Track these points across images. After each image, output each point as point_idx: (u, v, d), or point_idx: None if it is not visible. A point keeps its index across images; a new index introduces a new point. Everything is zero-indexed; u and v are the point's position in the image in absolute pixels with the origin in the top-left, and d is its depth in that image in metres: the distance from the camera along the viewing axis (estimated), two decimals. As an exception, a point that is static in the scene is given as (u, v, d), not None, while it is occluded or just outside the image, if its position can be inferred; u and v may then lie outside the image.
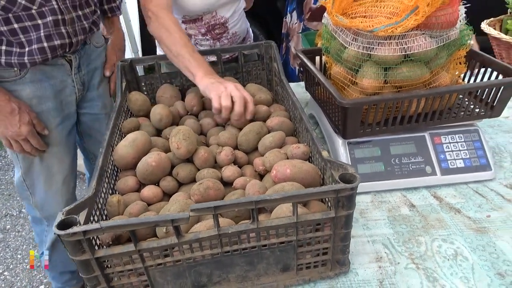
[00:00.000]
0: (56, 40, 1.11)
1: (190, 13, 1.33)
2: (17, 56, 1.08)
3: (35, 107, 1.16)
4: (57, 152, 1.24)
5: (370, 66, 0.85)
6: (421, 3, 0.74)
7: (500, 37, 1.26)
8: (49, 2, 1.06)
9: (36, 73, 1.14)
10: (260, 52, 1.20)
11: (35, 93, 1.15)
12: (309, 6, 1.41)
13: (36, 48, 1.08)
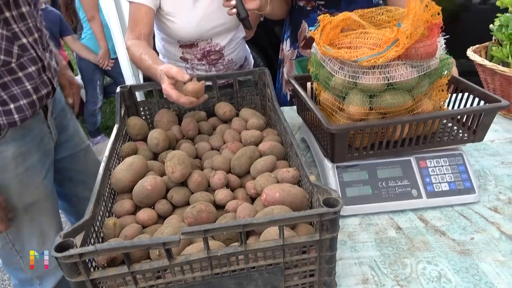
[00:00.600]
0: (42, 90, 1.10)
1: (183, 39, 1.39)
2: (5, 116, 1.04)
3: (21, 165, 1.11)
4: (46, 207, 1.21)
5: (356, 94, 0.90)
6: (401, 36, 0.79)
7: (484, 64, 1.31)
8: (27, 51, 1.06)
9: (16, 129, 1.09)
10: (254, 78, 1.25)
11: (19, 150, 1.11)
12: (304, 34, 1.47)
13: (25, 103, 1.06)
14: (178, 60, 1.48)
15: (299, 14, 1.46)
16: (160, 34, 1.46)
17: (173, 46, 1.44)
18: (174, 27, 1.34)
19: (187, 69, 1.50)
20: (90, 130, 3.34)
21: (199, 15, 1.34)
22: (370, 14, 0.98)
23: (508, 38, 1.42)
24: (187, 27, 1.34)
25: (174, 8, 1.32)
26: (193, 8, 1.33)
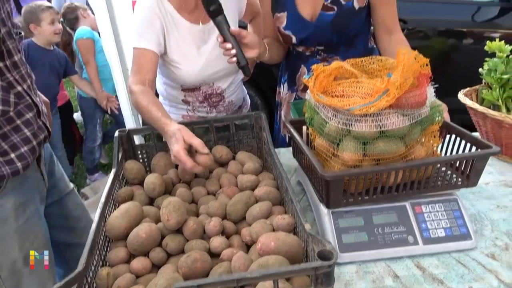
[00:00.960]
0: (40, 134, 1.11)
1: (187, 83, 1.43)
2: (7, 165, 1.04)
3: (21, 216, 1.09)
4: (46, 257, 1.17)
5: (350, 140, 0.91)
6: (391, 86, 0.82)
7: (475, 108, 1.34)
8: (23, 98, 1.07)
9: (15, 178, 1.08)
10: (250, 122, 1.28)
11: (19, 201, 1.09)
12: (302, 77, 1.50)
13: (26, 150, 1.07)
14: (179, 103, 1.51)
15: (297, 59, 1.51)
16: (163, 78, 1.49)
17: (176, 90, 1.48)
18: (179, 73, 1.38)
19: (188, 111, 1.53)
20: (88, 167, 3.35)
21: (203, 61, 1.38)
22: (362, 63, 1.02)
23: (497, 82, 1.46)
24: (191, 73, 1.38)
25: (179, 55, 1.36)
26: (197, 55, 1.37)
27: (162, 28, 1.31)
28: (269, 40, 1.48)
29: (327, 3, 1.29)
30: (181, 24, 1.34)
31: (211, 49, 1.38)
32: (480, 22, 2.93)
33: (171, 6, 1.33)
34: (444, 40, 3.00)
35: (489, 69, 1.51)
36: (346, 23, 1.30)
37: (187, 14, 1.35)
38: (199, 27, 1.36)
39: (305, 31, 1.35)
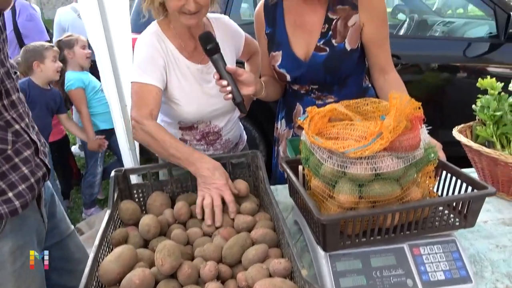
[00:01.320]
0: (38, 172, 1.11)
1: (184, 121, 1.45)
2: (5, 205, 1.02)
3: (18, 259, 1.06)
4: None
5: (346, 182, 0.91)
6: (384, 130, 0.83)
7: (470, 145, 1.36)
8: (21, 136, 1.08)
9: (14, 220, 1.06)
10: (247, 161, 1.28)
11: (17, 244, 1.07)
12: (298, 115, 1.52)
13: (24, 187, 1.06)
14: None
15: (293, 97, 1.53)
16: (161, 116, 1.51)
17: (173, 128, 1.49)
18: (178, 109, 1.40)
19: None
20: (86, 201, 3.31)
21: (202, 99, 1.41)
22: (356, 104, 1.03)
23: (491, 119, 1.48)
24: (190, 110, 1.40)
25: (180, 92, 1.38)
26: (196, 93, 1.40)
27: (164, 65, 1.34)
28: (266, 78, 1.51)
29: (320, 44, 1.33)
30: (181, 62, 1.37)
31: (209, 88, 1.41)
32: (472, 57, 3.01)
33: (172, 45, 1.36)
34: (437, 74, 3.07)
35: (482, 106, 1.54)
36: (338, 64, 1.33)
37: (187, 54, 1.38)
38: (198, 66, 1.40)
39: (299, 70, 1.38)
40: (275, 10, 1.41)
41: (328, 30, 1.32)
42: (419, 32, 3.73)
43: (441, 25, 3.71)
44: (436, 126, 3.15)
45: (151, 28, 1.38)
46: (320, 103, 1.43)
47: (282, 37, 1.39)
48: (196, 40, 1.39)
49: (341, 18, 1.30)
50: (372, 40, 1.32)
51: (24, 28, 2.93)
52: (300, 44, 1.36)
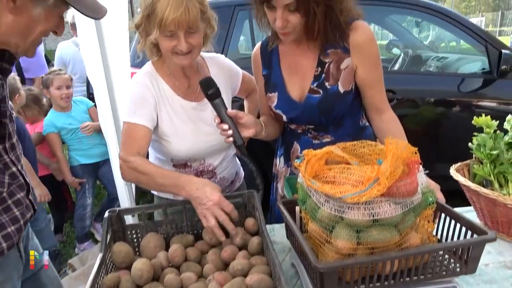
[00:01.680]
0: (27, 213, 1.10)
1: (177, 158, 1.44)
2: None
3: None
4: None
5: (343, 228, 0.90)
6: (381, 175, 0.83)
7: (468, 185, 1.35)
8: (17, 179, 1.07)
9: None
10: (243, 201, 1.27)
11: None
12: (296, 154, 1.51)
13: (13, 229, 1.05)
14: None
15: (290, 135, 1.54)
16: (154, 152, 1.51)
17: (166, 165, 1.48)
18: (169, 146, 1.40)
19: None
20: (78, 235, 3.25)
21: (195, 137, 1.41)
22: (352, 147, 1.03)
23: (487, 157, 1.48)
24: (182, 147, 1.40)
25: (171, 129, 1.38)
26: (189, 130, 1.40)
27: (155, 103, 1.35)
28: (265, 118, 1.52)
29: (313, 87, 1.34)
30: (175, 101, 1.39)
31: (203, 125, 1.41)
32: (466, 92, 3.05)
33: (166, 85, 1.38)
34: (433, 109, 3.10)
35: (478, 144, 1.54)
36: (332, 106, 1.34)
37: (181, 92, 1.40)
38: (193, 104, 1.41)
39: (294, 111, 1.39)
40: (271, 53, 1.44)
41: (321, 73, 1.34)
42: (413, 67, 3.81)
43: (435, 60, 3.79)
44: (432, 160, 3.18)
45: (145, 68, 1.41)
46: (317, 142, 1.43)
47: (277, 79, 1.41)
48: (189, 78, 1.42)
49: (334, 61, 1.33)
50: (365, 82, 1.34)
51: (26, 62, 2.97)
52: (295, 86, 1.38)
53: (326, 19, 1.22)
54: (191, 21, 1.20)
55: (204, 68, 1.47)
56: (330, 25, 1.24)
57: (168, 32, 1.22)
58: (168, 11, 1.17)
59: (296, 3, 1.15)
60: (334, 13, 1.21)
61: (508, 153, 1.47)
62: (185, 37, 1.23)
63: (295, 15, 1.19)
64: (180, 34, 1.22)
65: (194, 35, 1.25)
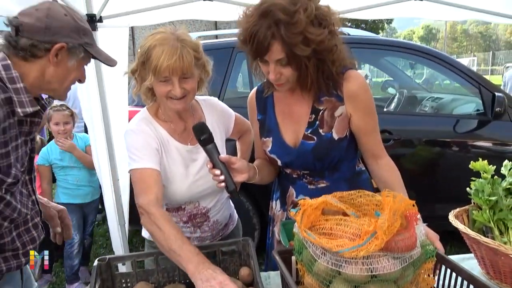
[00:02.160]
0: (41, 236, 1.23)
1: (172, 202, 1.41)
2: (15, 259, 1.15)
3: None
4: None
5: (341, 283, 0.87)
6: (379, 230, 0.81)
7: (468, 233, 1.32)
8: (35, 206, 1.22)
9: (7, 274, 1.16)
10: (237, 249, 1.23)
11: None
12: (291, 199, 1.49)
13: (32, 247, 1.20)
14: None
15: (286, 179, 1.52)
16: None
17: None
18: (165, 191, 1.37)
19: None
20: (67, 274, 3.14)
21: (190, 180, 1.39)
22: (349, 196, 1.02)
23: (486, 204, 1.46)
24: (177, 192, 1.38)
25: (167, 175, 1.37)
26: (184, 174, 1.38)
27: (157, 147, 1.35)
28: (260, 161, 1.51)
29: (307, 133, 1.34)
30: (171, 145, 1.38)
31: (198, 168, 1.40)
32: (462, 133, 3.08)
33: (163, 129, 1.38)
34: (429, 149, 3.11)
35: (476, 189, 1.53)
36: (327, 152, 1.33)
37: (177, 135, 1.40)
38: (187, 147, 1.41)
39: (289, 157, 1.39)
40: (266, 98, 1.45)
41: (315, 120, 1.34)
42: (409, 107, 3.86)
43: (430, 100, 3.85)
44: (430, 200, 3.16)
45: (141, 114, 1.41)
46: (312, 188, 1.42)
47: (272, 125, 1.41)
48: (185, 122, 1.42)
49: (328, 108, 1.33)
50: (361, 129, 1.34)
51: None
52: (289, 132, 1.39)
53: (318, 71, 1.23)
54: (185, 68, 1.22)
55: (198, 110, 1.47)
56: (323, 76, 1.25)
57: (163, 78, 1.23)
58: (163, 59, 1.19)
59: (287, 59, 1.17)
60: (326, 65, 1.22)
61: (507, 199, 1.45)
62: (179, 83, 1.24)
63: (288, 69, 1.20)
64: (175, 79, 1.23)
65: (188, 80, 1.27)
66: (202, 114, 1.47)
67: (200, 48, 1.29)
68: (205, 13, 2.16)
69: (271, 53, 1.16)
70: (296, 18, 1.11)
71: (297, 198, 1.48)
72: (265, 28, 1.12)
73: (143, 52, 1.24)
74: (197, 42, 1.30)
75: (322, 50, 1.17)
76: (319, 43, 1.15)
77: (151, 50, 1.22)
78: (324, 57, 1.20)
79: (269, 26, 1.12)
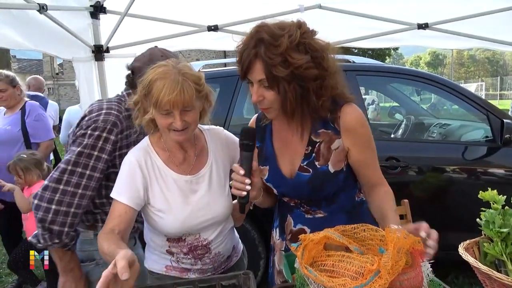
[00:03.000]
0: None
1: (170, 234, 1.39)
2: None
3: None
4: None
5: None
6: (382, 269, 0.77)
7: (479, 267, 1.26)
8: None
9: None
10: (238, 283, 1.19)
11: None
12: (290, 228, 1.46)
13: None
14: (164, 252, 1.44)
15: (284, 208, 1.49)
16: (148, 226, 1.46)
17: (160, 239, 1.43)
18: (162, 222, 1.35)
19: (172, 262, 1.45)
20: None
21: (189, 211, 1.36)
22: (352, 230, 0.99)
23: (497, 236, 1.40)
24: (175, 223, 1.35)
25: (164, 205, 1.35)
26: (183, 205, 1.36)
27: (144, 182, 1.34)
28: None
29: (303, 165, 1.33)
30: (168, 176, 1.37)
31: (198, 199, 1.38)
32: (471, 160, 3.02)
33: (159, 159, 1.37)
34: (438, 176, 3.05)
35: (486, 220, 1.47)
36: (323, 184, 1.31)
37: (175, 166, 1.38)
38: (187, 177, 1.39)
39: (285, 187, 1.37)
40: (265, 126, 1.44)
41: (311, 152, 1.33)
42: (416, 133, 3.82)
43: (438, 126, 3.81)
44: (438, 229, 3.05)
45: (142, 143, 1.41)
46: (309, 217, 1.39)
47: (269, 153, 1.40)
48: (186, 151, 1.41)
49: (324, 141, 1.31)
50: (359, 163, 1.32)
51: (32, 127, 3.05)
52: (286, 162, 1.37)
53: (302, 100, 1.22)
54: (186, 101, 1.22)
55: (201, 140, 1.46)
56: (308, 107, 1.24)
57: (164, 111, 1.24)
58: (164, 92, 1.19)
59: (267, 80, 1.17)
60: (310, 95, 1.21)
61: (520, 232, 1.40)
62: (180, 115, 1.24)
63: (270, 92, 1.20)
64: (176, 112, 1.24)
65: (190, 112, 1.27)
66: (205, 143, 1.46)
67: (202, 80, 1.30)
68: (210, 43, 2.19)
69: (252, 71, 1.18)
70: (279, 41, 1.13)
71: (295, 227, 1.44)
72: (250, 48, 1.16)
73: (145, 85, 1.25)
74: (199, 74, 1.31)
75: (302, 76, 1.17)
76: (298, 67, 1.15)
77: (153, 84, 1.23)
78: (307, 85, 1.19)
79: (254, 45, 1.16)
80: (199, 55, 17.27)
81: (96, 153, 1.40)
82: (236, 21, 2.07)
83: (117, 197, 1.31)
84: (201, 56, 17.19)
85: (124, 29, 2.00)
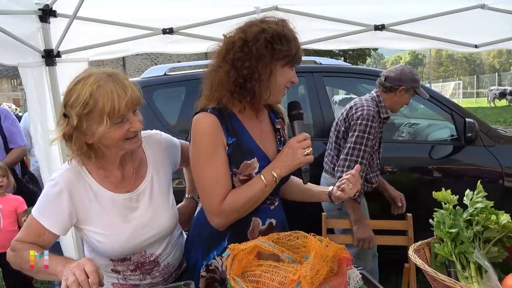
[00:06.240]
0: None
1: (113, 256, 1.31)
2: None
3: None
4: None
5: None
6: (302, 280, 0.75)
7: (425, 269, 1.25)
8: None
9: None
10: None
11: None
12: (258, 229, 1.35)
13: None
14: (109, 271, 1.35)
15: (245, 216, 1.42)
16: (88, 246, 1.37)
17: (103, 260, 1.33)
18: (102, 246, 1.27)
19: (119, 279, 1.37)
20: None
21: (130, 231, 1.28)
22: (287, 237, 0.96)
23: (447, 236, 1.40)
24: (116, 245, 1.27)
25: (102, 227, 1.26)
26: (122, 225, 1.28)
27: (69, 212, 1.24)
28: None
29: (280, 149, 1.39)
30: (103, 196, 1.27)
31: (139, 216, 1.30)
32: (438, 159, 3.06)
33: (93, 179, 1.27)
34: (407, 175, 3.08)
35: (438, 221, 1.47)
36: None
37: (112, 185, 1.29)
38: (125, 196, 1.30)
39: None
40: (230, 122, 1.32)
41: (280, 137, 1.42)
42: (387, 133, 3.86)
43: (407, 126, 3.85)
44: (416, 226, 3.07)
45: (72, 163, 1.27)
46: (272, 207, 1.40)
47: (252, 146, 1.32)
48: (124, 169, 1.32)
49: (281, 128, 1.45)
50: None
51: (9, 132, 2.98)
52: (269, 150, 1.37)
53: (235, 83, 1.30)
54: (137, 98, 1.18)
55: (139, 151, 1.37)
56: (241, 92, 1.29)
57: (118, 118, 1.15)
58: (117, 97, 1.12)
59: None
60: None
61: (468, 231, 1.40)
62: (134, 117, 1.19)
63: None
64: (130, 115, 1.18)
65: (137, 112, 1.22)
66: (143, 153, 1.38)
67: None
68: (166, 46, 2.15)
69: None
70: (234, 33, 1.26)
71: (264, 224, 1.35)
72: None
73: (83, 104, 1.12)
74: (122, 72, 1.29)
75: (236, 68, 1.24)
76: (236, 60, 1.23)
77: (97, 98, 1.12)
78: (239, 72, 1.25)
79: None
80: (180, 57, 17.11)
81: None
82: (192, 24, 2.04)
83: (38, 217, 1.22)
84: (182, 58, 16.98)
85: (76, 33, 1.93)
